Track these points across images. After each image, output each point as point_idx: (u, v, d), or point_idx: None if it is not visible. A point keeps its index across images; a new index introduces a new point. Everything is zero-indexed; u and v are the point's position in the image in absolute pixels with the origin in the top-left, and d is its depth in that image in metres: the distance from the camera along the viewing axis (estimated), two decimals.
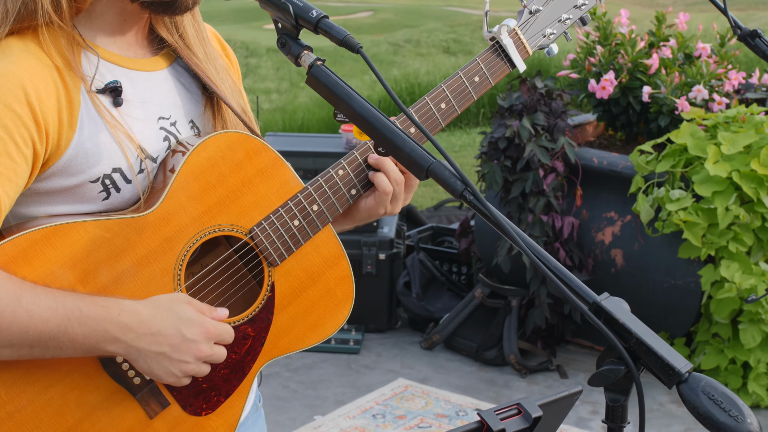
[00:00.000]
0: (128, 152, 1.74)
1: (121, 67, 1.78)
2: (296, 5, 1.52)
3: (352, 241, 5.19)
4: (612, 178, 4.75)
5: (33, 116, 1.63)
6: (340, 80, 1.51)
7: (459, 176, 1.40)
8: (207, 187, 1.77)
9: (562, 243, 4.75)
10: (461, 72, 1.97)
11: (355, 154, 1.89)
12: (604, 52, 4.92)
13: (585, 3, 2.09)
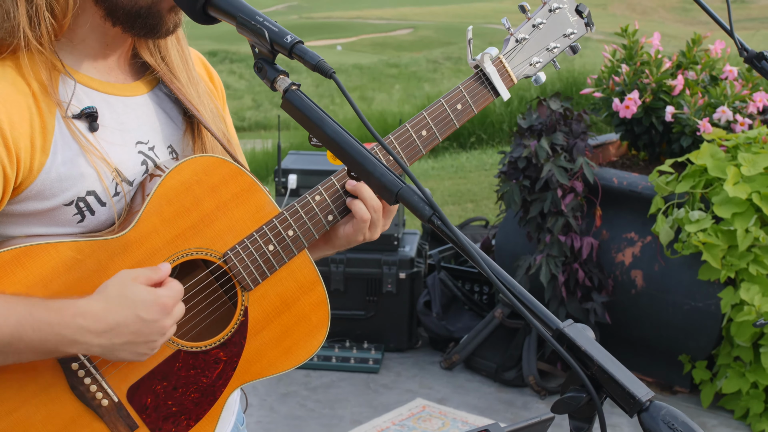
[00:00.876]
0: (103, 175, 1.74)
1: (99, 92, 1.79)
2: (272, 30, 1.53)
3: (372, 259, 5.20)
4: (632, 198, 4.71)
5: (3, 141, 1.65)
6: (314, 105, 1.51)
7: (427, 201, 1.40)
8: (181, 211, 1.77)
9: (581, 263, 4.72)
10: (443, 99, 1.97)
11: (333, 179, 1.89)
12: (629, 72, 4.90)
13: (574, 32, 2.08)
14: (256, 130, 22.85)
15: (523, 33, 2.05)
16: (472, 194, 8.58)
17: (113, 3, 1.74)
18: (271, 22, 1.54)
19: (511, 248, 5.10)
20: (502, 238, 5.24)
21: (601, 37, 52.24)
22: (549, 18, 2.06)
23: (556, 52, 2.08)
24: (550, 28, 2.06)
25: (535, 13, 2.06)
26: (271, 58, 1.55)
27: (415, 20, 64.21)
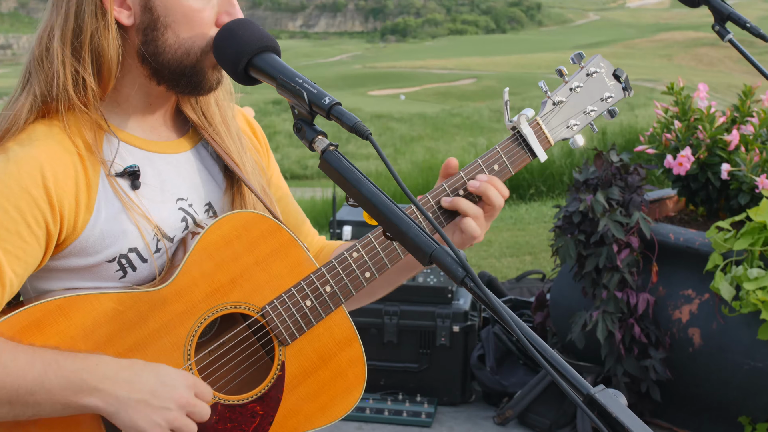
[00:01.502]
0: (145, 233, 1.79)
1: (142, 150, 1.85)
2: (310, 92, 1.57)
3: (426, 312, 5.19)
4: (689, 254, 4.65)
5: (48, 199, 1.71)
6: (351, 165, 1.54)
7: (460, 263, 1.41)
8: (221, 265, 1.80)
9: (637, 320, 4.65)
10: (481, 160, 1.99)
11: (370, 237, 1.92)
12: (681, 128, 4.86)
13: (611, 96, 2.09)
14: (318, 179, 23.06)
15: (561, 96, 2.07)
16: (530, 246, 8.53)
17: (159, 62, 1.81)
18: (310, 84, 1.58)
19: (566, 303, 5.05)
20: (556, 293, 5.19)
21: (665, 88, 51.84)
22: (586, 82, 2.08)
23: (593, 116, 2.09)
24: (587, 92, 2.08)
25: (573, 77, 2.08)
26: (310, 119, 1.58)
27: (478, 70, 64.58)
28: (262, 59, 1.65)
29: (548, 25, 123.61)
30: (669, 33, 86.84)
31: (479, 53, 77.37)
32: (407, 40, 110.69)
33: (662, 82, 55.40)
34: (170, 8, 1.78)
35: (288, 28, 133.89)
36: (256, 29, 1.69)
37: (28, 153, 1.72)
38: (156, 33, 1.79)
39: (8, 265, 1.69)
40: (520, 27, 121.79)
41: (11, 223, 1.69)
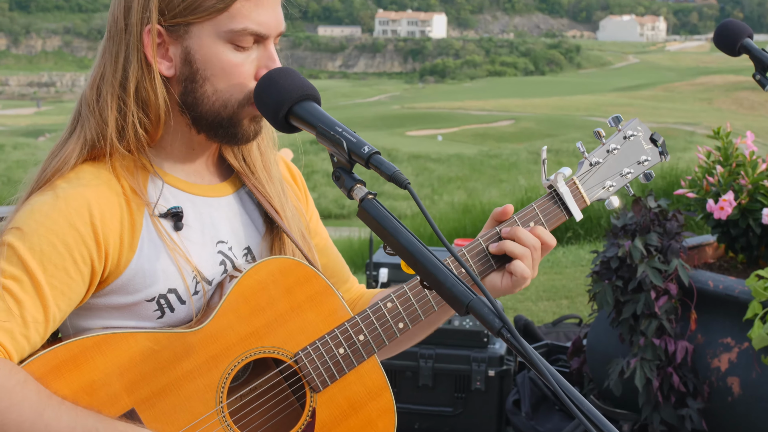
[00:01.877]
0: (185, 274, 1.83)
1: (185, 193, 1.89)
2: (350, 141, 1.58)
3: (462, 356, 5.17)
4: (728, 302, 4.59)
5: (95, 236, 1.75)
6: (389, 214, 1.55)
7: (497, 314, 1.41)
8: (256, 309, 1.83)
9: (675, 368, 4.60)
10: (517, 216, 2.01)
11: (405, 288, 1.93)
12: (723, 173, 4.83)
13: (648, 159, 2.13)
14: (355, 219, 23.13)
15: (598, 157, 2.10)
16: (567, 290, 8.48)
17: (197, 113, 1.85)
18: (349, 133, 1.60)
19: (603, 349, 5.01)
20: (593, 339, 5.15)
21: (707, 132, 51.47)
22: (623, 144, 2.12)
23: (629, 178, 2.13)
24: (624, 154, 2.12)
25: (610, 139, 2.12)
26: (349, 167, 1.60)
27: (516, 112, 64.65)
28: (302, 108, 1.68)
29: (587, 67, 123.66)
30: (709, 77, 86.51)
31: (518, 95, 77.52)
32: (446, 81, 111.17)
33: (702, 125, 55.06)
34: (209, 61, 1.83)
35: (327, 68, 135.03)
36: (297, 78, 1.71)
37: (77, 191, 1.77)
38: (195, 85, 1.84)
39: (53, 300, 1.72)
40: (559, 69, 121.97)
41: (59, 259, 1.73)
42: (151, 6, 1.80)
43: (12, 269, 1.71)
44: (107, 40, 1.88)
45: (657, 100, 71.24)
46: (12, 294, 1.70)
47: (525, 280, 1.95)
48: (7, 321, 1.69)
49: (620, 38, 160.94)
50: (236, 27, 1.81)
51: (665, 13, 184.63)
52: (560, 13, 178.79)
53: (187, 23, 1.82)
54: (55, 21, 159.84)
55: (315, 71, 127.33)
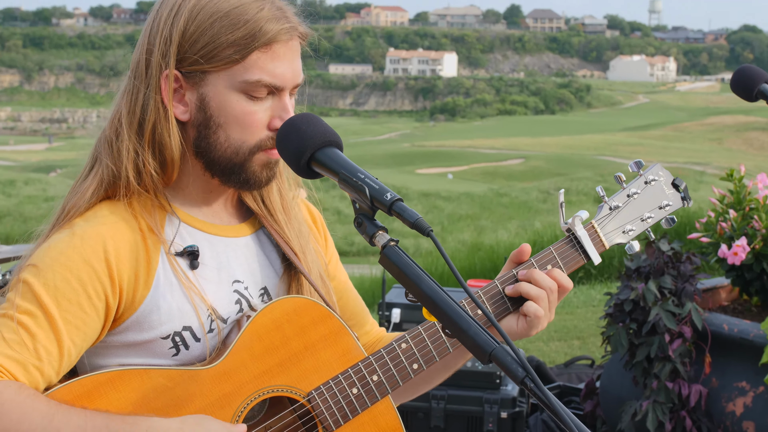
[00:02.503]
0: (200, 312, 1.85)
1: (202, 232, 1.92)
2: (372, 188, 1.59)
3: (474, 397, 5.14)
4: (743, 346, 4.57)
5: (109, 272, 1.78)
6: (411, 261, 1.55)
7: (520, 363, 1.40)
8: (270, 348, 1.84)
9: (689, 411, 4.57)
10: (534, 259, 2.02)
11: (420, 329, 1.95)
12: (737, 217, 4.82)
13: (669, 204, 2.11)
14: (365, 255, 23.09)
15: (618, 201, 2.09)
16: (578, 331, 8.45)
17: (210, 158, 1.89)
18: (372, 179, 1.60)
19: (617, 391, 4.98)
20: (606, 381, 5.13)
21: (717, 172, 51.24)
22: (644, 189, 2.11)
23: (650, 222, 2.12)
24: (645, 199, 2.10)
25: (631, 183, 2.11)
26: (371, 213, 1.61)
27: (526, 150, 64.70)
28: (324, 154, 1.69)
29: (597, 107, 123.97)
30: (719, 117, 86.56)
31: (528, 133, 77.66)
32: (456, 120, 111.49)
33: (712, 165, 55.04)
34: (223, 109, 1.86)
35: (338, 106, 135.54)
36: (319, 124, 1.73)
37: (93, 228, 1.80)
38: (208, 131, 1.87)
39: (68, 335, 1.75)
40: (569, 108, 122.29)
41: (73, 294, 1.76)
42: (171, 52, 1.85)
43: (26, 305, 1.74)
44: (129, 79, 1.92)
45: (667, 139, 71.27)
46: (26, 328, 1.73)
47: (540, 322, 1.96)
48: (20, 354, 1.72)
49: (630, 78, 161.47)
50: (251, 78, 1.85)
51: (675, 53, 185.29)
52: (570, 53, 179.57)
53: (204, 71, 1.85)
54: (68, 58, 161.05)
55: (326, 109, 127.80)
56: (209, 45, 1.83)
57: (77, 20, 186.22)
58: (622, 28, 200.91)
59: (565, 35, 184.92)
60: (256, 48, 1.84)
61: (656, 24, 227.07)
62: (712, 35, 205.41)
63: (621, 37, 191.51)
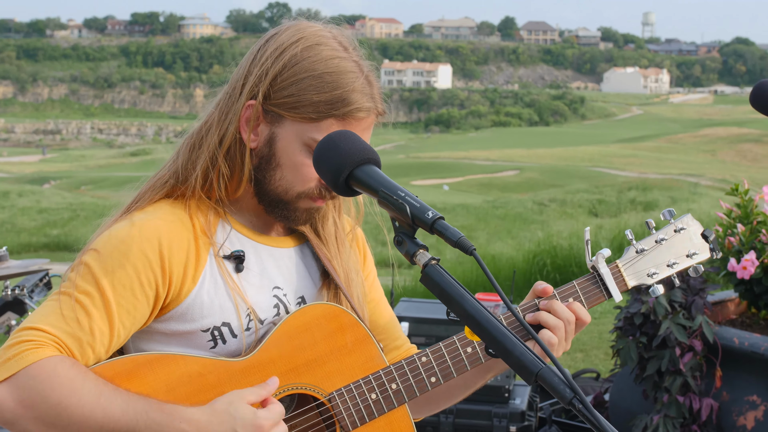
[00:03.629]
0: (240, 310, 1.98)
1: (250, 240, 2.05)
2: (413, 206, 1.59)
3: (482, 411, 5.13)
4: (754, 360, 4.57)
5: (161, 263, 1.92)
6: (453, 280, 1.54)
7: (568, 383, 1.40)
8: (299, 348, 1.97)
9: (700, 426, 4.56)
10: (557, 291, 2.11)
11: (440, 345, 2.04)
12: (744, 231, 4.82)
13: (697, 253, 2.17)
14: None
15: (645, 245, 2.16)
16: (581, 344, 8.44)
17: (262, 189, 2.04)
18: (412, 197, 1.60)
19: (627, 405, 4.98)
20: (616, 394, 5.12)
21: (710, 183, 51.20)
22: (673, 236, 2.17)
23: (675, 269, 2.17)
24: (672, 246, 2.16)
25: (661, 230, 2.18)
26: (411, 232, 1.60)
27: (520, 162, 64.71)
28: (363, 171, 1.69)
29: (591, 118, 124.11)
30: (712, 128, 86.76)
31: (522, 145, 77.73)
32: (451, 131, 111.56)
33: (706, 177, 55.12)
34: (286, 153, 2.00)
35: None
36: (357, 141, 1.73)
37: (151, 222, 1.96)
38: (268, 165, 2.01)
39: (119, 317, 1.89)
40: (563, 120, 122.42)
41: (127, 280, 1.90)
42: (261, 86, 1.99)
43: (86, 285, 1.90)
44: (225, 94, 2.06)
45: (661, 151, 71.38)
46: (84, 307, 1.88)
47: (552, 348, 2.05)
48: (78, 331, 1.86)
49: (624, 90, 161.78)
50: (318, 138, 1.96)
51: (668, 65, 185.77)
52: (564, 65, 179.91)
53: (282, 115, 1.99)
54: (62, 69, 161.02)
55: None
56: (294, 96, 1.97)
57: (71, 32, 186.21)
58: (616, 40, 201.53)
59: (559, 47, 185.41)
60: (332, 116, 1.97)
61: (649, 36, 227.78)
62: (705, 48, 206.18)
63: (614, 49, 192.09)
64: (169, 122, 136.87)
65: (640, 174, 53.12)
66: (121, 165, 75.47)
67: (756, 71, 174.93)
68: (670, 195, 41.99)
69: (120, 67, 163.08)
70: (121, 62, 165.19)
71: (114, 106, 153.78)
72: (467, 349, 2.05)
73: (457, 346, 2.05)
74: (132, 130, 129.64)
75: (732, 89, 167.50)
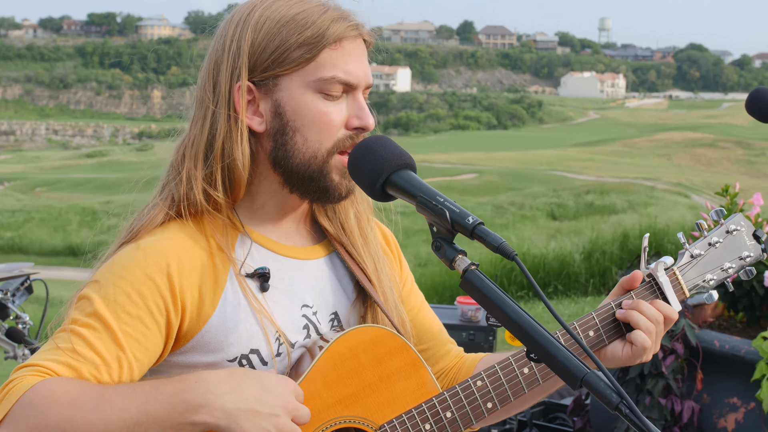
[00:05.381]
0: (269, 335, 1.80)
1: (273, 253, 1.88)
2: (453, 211, 1.58)
3: None
4: (734, 362, 4.63)
5: (170, 288, 1.74)
6: (493, 285, 1.54)
7: (614, 389, 1.40)
8: (345, 377, 1.80)
9: (682, 428, 4.61)
10: (614, 303, 1.99)
11: (496, 367, 1.91)
12: None
13: (750, 255, 2.10)
14: None
15: (699, 249, 2.08)
16: None
17: (288, 168, 1.85)
18: (451, 203, 1.59)
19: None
20: None
21: (666, 187, 51.54)
22: (726, 238, 2.10)
23: (730, 273, 2.10)
24: (726, 248, 2.09)
25: (712, 232, 2.10)
26: (450, 237, 1.59)
27: (479, 165, 64.94)
28: (400, 177, 1.67)
29: (549, 122, 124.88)
30: (667, 133, 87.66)
31: (481, 148, 78.02)
32: (410, 134, 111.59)
33: (662, 181, 55.64)
34: (299, 112, 1.84)
35: None
36: (393, 146, 1.71)
37: (157, 243, 1.78)
38: (285, 137, 1.85)
39: (128, 348, 1.70)
40: (521, 123, 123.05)
41: (133, 308, 1.71)
42: (240, 64, 1.83)
43: (86, 319, 1.71)
44: (194, 108, 1.90)
45: (617, 155, 71.97)
46: (83, 338, 1.69)
47: (646, 353, 1.96)
48: (75, 360, 1.67)
49: (581, 94, 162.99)
50: (325, 75, 1.84)
51: (624, 70, 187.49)
52: (522, 69, 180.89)
53: (276, 76, 1.84)
54: (17, 69, 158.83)
55: None
56: (279, 49, 1.83)
57: (26, 32, 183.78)
58: (573, 45, 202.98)
59: (517, 51, 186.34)
60: (326, 45, 1.84)
61: (606, 41, 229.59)
62: (660, 53, 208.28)
63: (572, 53, 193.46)
64: (126, 123, 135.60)
65: (598, 178, 53.51)
66: (76, 166, 74.62)
67: (709, 77, 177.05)
68: (628, 199, 42.35)
69: (76, 67, 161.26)
70: (77, 63, 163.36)
71: (70, 107, 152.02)
72: (524, 369, 1.91)
73: (513, 367, 1.91)
74: (88, 132, 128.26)
75: (686, 94, 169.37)
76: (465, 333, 5.39)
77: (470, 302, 5.36)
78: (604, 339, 1.97)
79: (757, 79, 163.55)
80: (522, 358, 1.91)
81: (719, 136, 79.87)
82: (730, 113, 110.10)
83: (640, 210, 35.25)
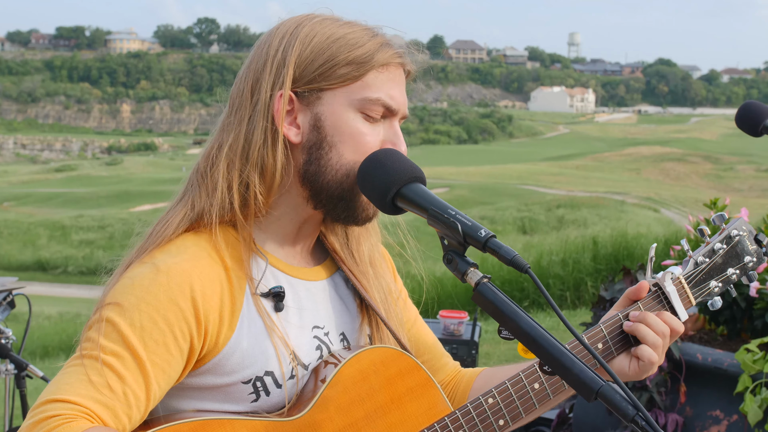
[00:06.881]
0: (282, 357, 1.78)
1: (285, 274, 1.86)
2: (465, 224, 1.57)
3: None
4: (717, 375, 4.65)
5: (195, 313, 1.70)
6: (506, 298, 1.54)
7: (630, 401, 1.40)
8: (356, 400, 1.77)
9: None
10: (621, 314, 1.98)
11: (507, 384, 1.89)
12: None
13: (753, 260, 2.09)
14: None
15: (703, 256, 2.06)
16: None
17: (319, 184, 1.83)
18: (463, 216, 1.59)
19: (591, 421, 5.02)
20: (580, 411, 5.16)
21: (636, 201, 51.81)
22: (728, 244, 2.09)
23: (734, 279, 2.10)
24: (729, 255, 2.08)
25: (715, 238, 2.09)
26: (462, 250, 1.58)
27: (450, 179, 65.15)
28: (411, 190, 1.67)
29: (519, 136, 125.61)
30: (636, 147, 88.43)
31: (452, 163, 78.31)
32: None
33: (631, 195, 56.03)
34: (338, 128, 1.82)
35: None
36: (404, 159, 1.71)
37: (179, 266, 1.73)
38: (321, 152, 1.82)
39: (154, 378, 1.67)
40: (491, 138, 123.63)
41: (159, 335, 1.67)
42: (285, 72, 1.81)
43: (113, 346, 1.65)
44: (228, 115, 1.87)
45: (587, 169, 72.47)
46: (114, 370, 1.64)
47: (653, 367, 1.94)
48: (110, 399, 1.62)
49: (551, 109, 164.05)
50: (371, 96, 1.83)
51: (594, 85, 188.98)
52: (492, 83, 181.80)
53: (320, 89, 1.82)
54: None
55: None
56: (327, 63, 1.81)
57: None
58: (543, 59, 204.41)
59: (487, 66, 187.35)
60: (373, 67, 1.84)
61: (575, 56, 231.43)
62: (629, 68, 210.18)
63: (541, 68, 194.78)
64: (95, 138, 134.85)
65: (568, 192, 53.81)
66: (45, 181, 74.09)
67: (678, 91, 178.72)
68: (598, 213, 42.60)
69: (44, 81, 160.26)
70: (46, 76, 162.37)
71: (38, 121, 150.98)
72: (534, 385, 1.89)
73: (524, 383, 1.89)
74: (57, 146, 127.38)
75: (655, 109, 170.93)
76: (448, 347, 5.38)
77: (453, 316, 5.35)
78: (612, 351, 1.96)
79: (725, 94, 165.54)
80: (532, 374, 1.90)
81: (688, 151, 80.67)
82: (699, 128, 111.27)
83: (612, 224, 35.47)
